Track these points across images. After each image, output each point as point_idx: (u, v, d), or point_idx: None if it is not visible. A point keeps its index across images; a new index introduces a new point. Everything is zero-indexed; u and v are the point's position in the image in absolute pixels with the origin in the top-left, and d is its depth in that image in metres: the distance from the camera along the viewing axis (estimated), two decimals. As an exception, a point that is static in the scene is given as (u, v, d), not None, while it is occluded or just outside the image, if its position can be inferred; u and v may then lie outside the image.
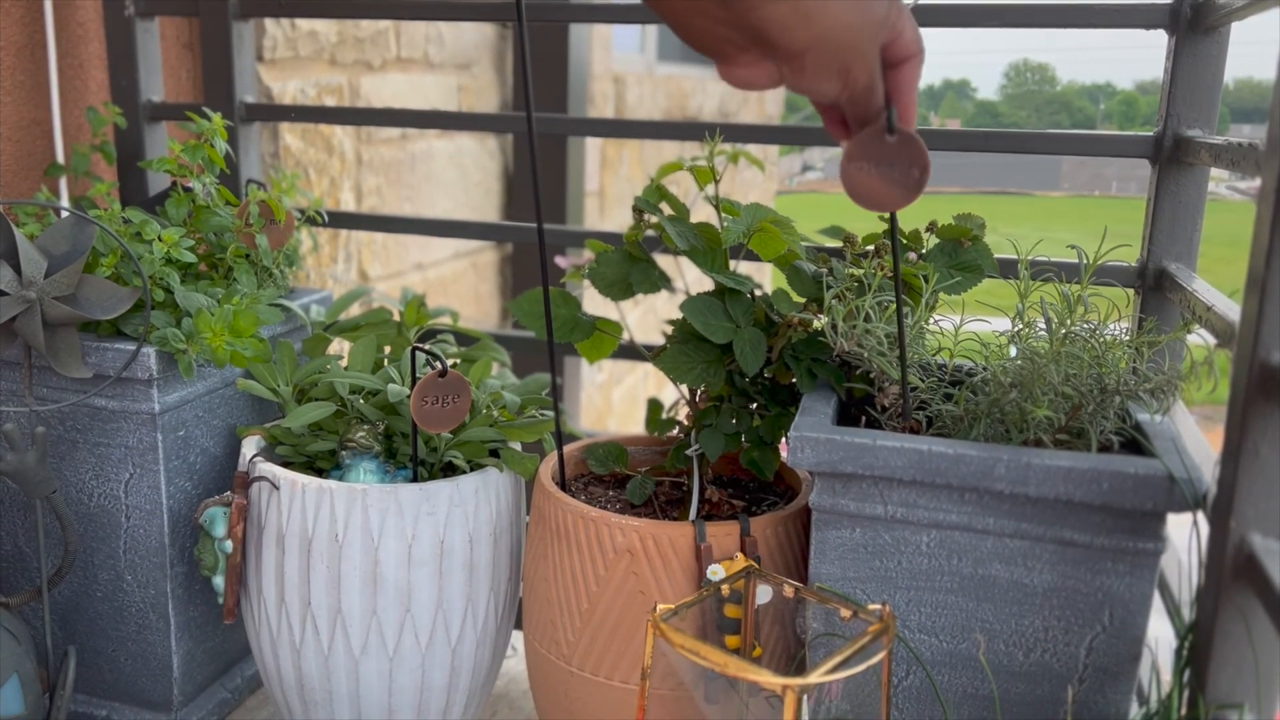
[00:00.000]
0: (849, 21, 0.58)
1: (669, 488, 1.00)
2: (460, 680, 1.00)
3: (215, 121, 1.09)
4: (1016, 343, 0.81)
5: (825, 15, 0.57)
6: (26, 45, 1.26)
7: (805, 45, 0.57)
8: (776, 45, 0.57)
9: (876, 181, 0.65)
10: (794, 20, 0.56)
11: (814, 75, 0.59)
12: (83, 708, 1.08)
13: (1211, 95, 0.98)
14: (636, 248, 0.96)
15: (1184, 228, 1.00)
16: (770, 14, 0.56)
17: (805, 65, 0.58)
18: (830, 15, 0.57)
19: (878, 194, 0.66)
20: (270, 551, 0.96)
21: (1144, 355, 0.79)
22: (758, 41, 0.57)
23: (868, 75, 0.60)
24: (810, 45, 0.57)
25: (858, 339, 0.84)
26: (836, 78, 0.60)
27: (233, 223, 1.08)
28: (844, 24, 0.57)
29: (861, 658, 0.66)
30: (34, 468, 0.90)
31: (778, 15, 0.56)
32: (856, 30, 0.58)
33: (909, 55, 0.63)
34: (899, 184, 0.65)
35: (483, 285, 2.53)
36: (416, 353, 0.95)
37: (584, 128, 1.25)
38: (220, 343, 0.97)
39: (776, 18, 0.56)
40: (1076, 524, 0.72)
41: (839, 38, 0.58)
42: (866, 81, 0.61)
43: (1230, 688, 0.60)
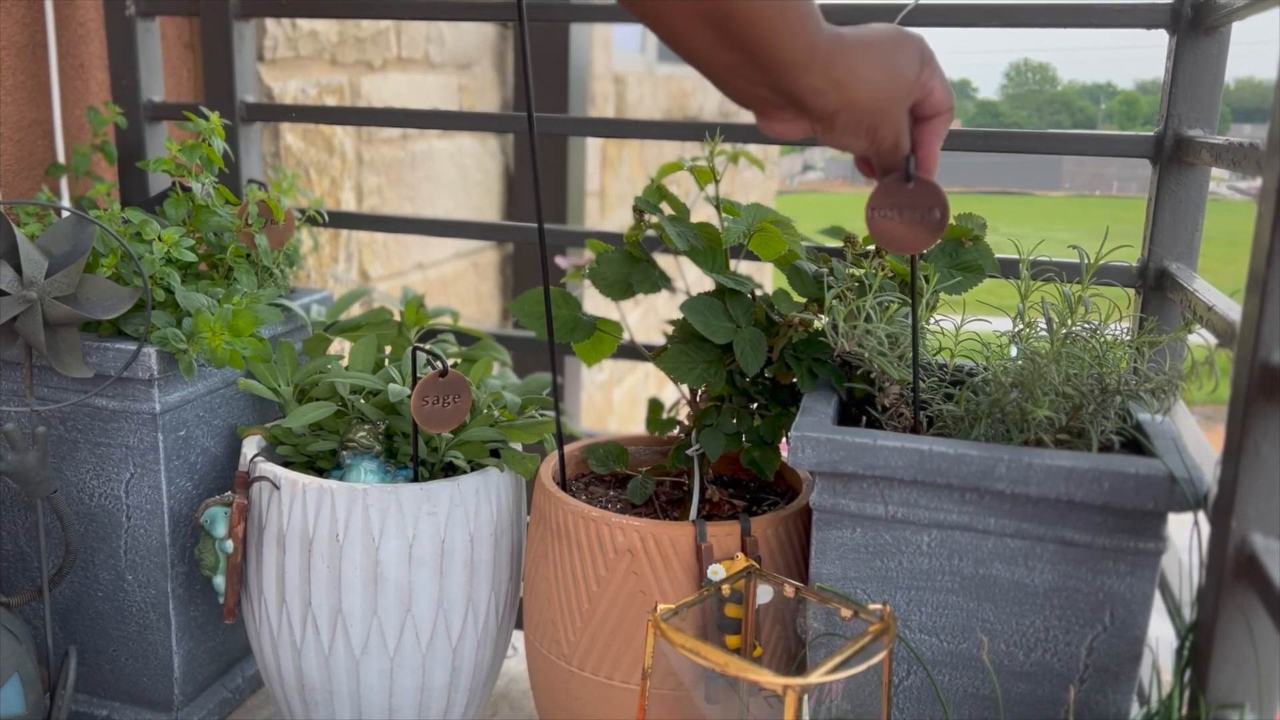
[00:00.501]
0: (878, 88, 0.62)
1: (670, 488, 1.00)
2: (461, 680, 1.00)
3: (213, 121, 1.09)
4: (1017, 343, 0.81)
5: (856, 83, 0.61)
6: (27, 45, 1.26)
7: (836, 109, 0.61)
8: (810, 109, 0.61)
9: (899, 226, 0.69)
10: (827, 87, 0.60)
11: (843, 133, 0.63)
12: (83, 707, 1.08)
13: (1212, 95, 0.98)
14: (637, 248, 0.96)
15: (1185, 228, 1.00)
16: (805, 83, 0.59)
17: (835, 125, 0.62)
18: (861, 83, 0.61)
19: (901, 237, 0.70)
20: (271, 551, 0.96)
21: (1145, 355, 0.79)
22: (793, 104, 0.61)
23: (894, 134, 0.64)
24: (841, 109, 0.61)
25: (858, 339, 0.84)
26: (865, 136, 0.63)
27: (232, 222, 1.08)
28: (874, 90, 0.61)
29: (862, 658, 0.66)
30: (35, 468, 0.90)
31: (812, 83, 0.59)
32: (885, 95, 0.62)
33: (938, 112, 0.67)
34: (921, 226, 0.69)
35: (483, 285, 2.53)
36: (417, 353, 0.96)
37: (585, 128, 1.25)
38: (220, 342, 0.97)
39: (811, 85, 0.59)
40: (1077, 524, 0.72)
41: (868, 103, 0.62)
42: (893, 139, 0.64)
43: (1231, 687, 0.60)
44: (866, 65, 0.61)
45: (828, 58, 0.59)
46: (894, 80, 0.62)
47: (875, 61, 0.61)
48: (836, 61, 0.59)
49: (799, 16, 0.57)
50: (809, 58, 0.58)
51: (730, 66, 0.59)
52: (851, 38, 0.61)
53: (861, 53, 0.61)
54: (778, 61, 0.58)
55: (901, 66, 0.63)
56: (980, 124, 6.41)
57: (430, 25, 2.17)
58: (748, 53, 0.57)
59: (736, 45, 0.57)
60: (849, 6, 1.08)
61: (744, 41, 0.57)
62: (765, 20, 0.56)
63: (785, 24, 0.56)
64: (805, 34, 0.58)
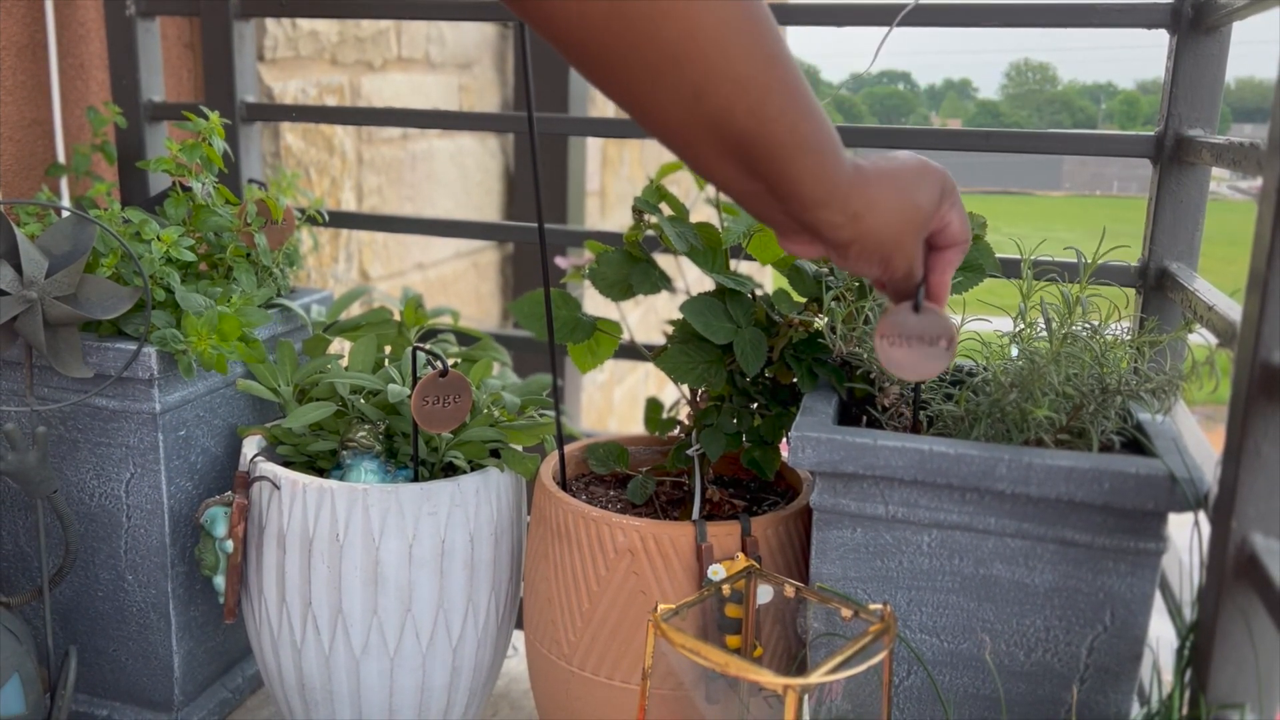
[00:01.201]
0: (893, 221, 0.62)
1: (670, 488, 1.00)
2: (461, 680, 1.00)
3: (213, 120, 1.09)
4: (1018, 343, 0.81)
5: (871, 217, 0.61)
6: (28, 45, 1.26)
7: (850, 240, 0.62)
8: (825, 239, 0.62)
9: (906, 354, 0.70)
10: (843, 221, 0.61)
11: (856, 262, 0.64)
12: (84, 707, 1.08)
13: (1213, 95, 0.98)
14: (637, 248, 0.96)
15: (1185, 227, 1.00)
16: (822, 216, 0.60)
17: (849, 254, 0.63)
18: (876, 217, 0.62)
19: (909, 365, 0.70)
20: (271, 551, 0.96)
21: (1145, 355, 0.79)
22: (809, 231, 0.62)
23: (907, 264, 0.65)
24: (855, 240, 0.62)
25: (858, 340, 0.84)
26: (878, 265, 0.64)
27: (232, 222, 1.08)
28: (888, 224, 0.62)
29: (862, 658, 0.66)
30: (35, 467, 0.90)
31: (829, 218, 0.60)
32: (900, 229, 0.63)
33: (953, 244, 0.67)
34: (928, 355, 0.70)
35: (484, 285, 2.53)
36: (417, 353, 0.95)
37: (585, 127, 1.25)
38: (206, 346, 0.97)
39: (827, 219, 0.60)
40: (1078, 524, 0.72)
41: (882, 235, 0.62)
42: (906, 269, 0.65)
43: (1231, 687, 0.60)
44: (883, 199, 0.62)
45: (847, 192, 0.60)
46: (910, 214, 0.63)
47: (892, 195, 0.62)
48: (855, 196, 0.60)
49: (820, 154, 0.58)
50: (828, 194, 0.59)
51: (753, 194, 0.60)
52: (871, 170, 0.62)
53: (880, 186, 0.62)
54: (797, 195, 0.59)
55: (920, 200, 0.63)
56: (980, 124, 6.40)
57: (430, 25, 2.17)
58: (768, 184, 0.58)
59: (758, 176, 0.58)
60: (849, 7, 1.08)
61: (765, 174, 0.57)
62: (786, 157, 0.56)
63: (805, 161, 0.57)
64: (825, 171, 0.58)
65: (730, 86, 0.53)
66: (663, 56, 0.52)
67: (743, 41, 0.53)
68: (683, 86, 0.53)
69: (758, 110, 0.54)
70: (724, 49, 0.52)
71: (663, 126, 0.56)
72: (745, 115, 0.54)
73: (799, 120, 0.56)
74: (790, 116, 0.55)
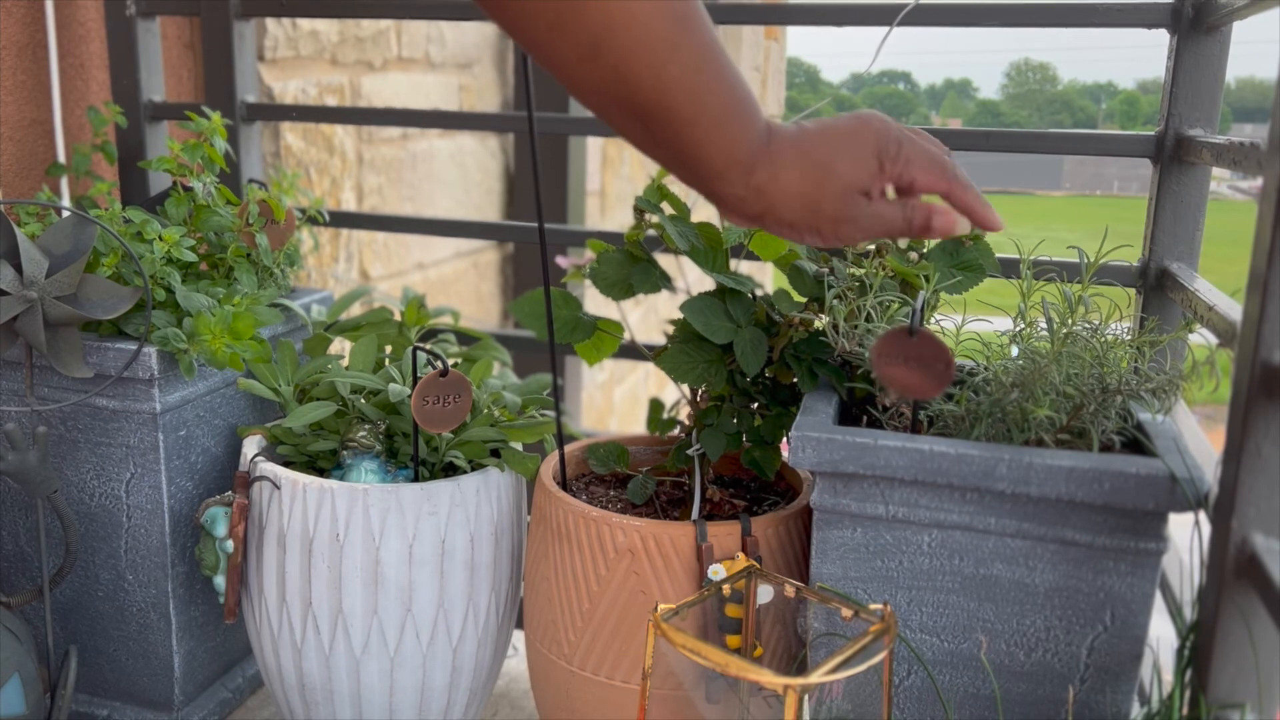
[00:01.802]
0: (801, 192, 0.59)
1: (670, 487, 1.00)
2: (461, 680, 1.00)
3: (215, 121, 1.09)
4: (1018, 342, 0.81)
5: (775, 189, 0.59)
6: (28, 45, 1.26)
7: (758, 214, 0.60)
8: (733, 211, 0.61)
9: (905, 374, 0.71)
10: (746, 194, 0.59)
11: (778, 231, 0.62)
12: (84, 707, 1.08)
13: (1213, 94, 0.98)
14: (638, 247, 0.96)
15: (1186, 227, 1.00)
16: (723, 190, 0.59)
17: (766, 226, 0.62)
18: (780, 189, 0.59)
19: (908, 384, 0.71)
20: (271, 551, 0.96)
21: (1146, 355, 0.79)
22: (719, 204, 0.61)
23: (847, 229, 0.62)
24: (763, 213, 0.60)
25: (859, 339, 0.84)
26: (809, 235, 0.62)
27: (233, 222, 1.08)
28: (797, 194, 0.59)
29: (863, 657, 0.66)
30: (35, 467, 0.90)
31: (729, 190, 0.59)
32: (812, 199, 0.60)
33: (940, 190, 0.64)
34: (926, 376, 0.70)
35: (484, 285, 2.52)
36: (417, 352, 0.95)
37: (585, 127, 1.25)
38: (220, 345, 0.97)
39: (728, 192, 0.59)
40: (1078, 524, 0.72)
41: (793, 208, 0.60)
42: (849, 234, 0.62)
43: (1232, 687, 0.60)
44: (790, 172, 0.59)
45: (749, 165, 0.58)
46: (824, 180, 0.60)
47: (802, 166, 0.59)
48: (759, 168, 0.58)
49: (721, 126, 0.55)
50: (727, 166, 0.57)
51: (664, 161, 0.58)
52: (788, 138, 0.59)
53: (789, 156, 0.59)
54: (695, 165, 0.57)
55: (839, 167, 0.60)
56: (981, 123, 6.40)
57: (431, 25, 2.17)
58: (671, 152, 0.57)
59: (660, 144, 0.56)
60: (849, 7, 1.08)
61: (665, 141, 0.56)
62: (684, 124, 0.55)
63: (703, 128, 0.55)
64: (726, 141, 0.56)
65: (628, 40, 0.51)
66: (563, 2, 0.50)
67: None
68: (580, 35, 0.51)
69: (657, 69, 0.52)
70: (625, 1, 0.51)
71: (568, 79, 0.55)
72: (644, 73, 0.52)
73: (701, 87, 0.54)
74: (691, 81, 0.53)
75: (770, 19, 1.17)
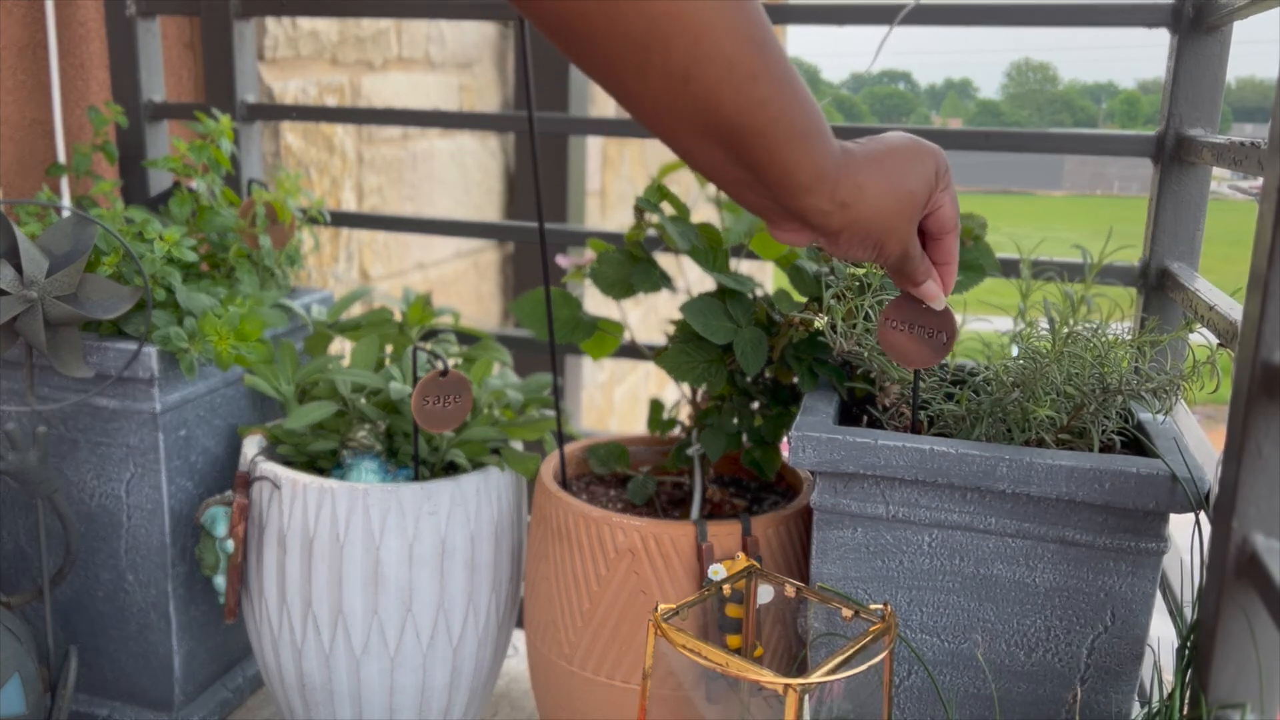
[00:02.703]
0: (883, 208, 0.62)
1: (670, 487, 1.00)
2: (461, 680, 1.00)
3: (223, 123, 1.10)
4: (1019, 342, 0.81)
5: (861, 204, 0.60)
6: (28, 45, 1.26)
7: (840, 228, 0.61)
8: (814, 225, 0.61)
9: (907, 340, 0.72)
10: (831, 209, 0.60)
11: (847, 248, 0.63)
12: (84, 707, 1.08)
13: (1214, 94, 0.98)
14: (638, 247, 0.96)
15: (1186, 227, 1.00)
16: (810, 204, 0.59)
17: (840, 242, 0.62)
18: (866, 204, 0.61)
19: (909, 352, 0.72)
20: (271, 551, 0.96)
21: (1146, 355, 0.79)
22: (797, 219, 0.61)
23: (900, 249, 0.64)
24: (845, 228, 0.61)
25: (858, 339, 0.84)
26: (870, 251, 0.64)
27: (236, 222, 1.08)
28: (878, 210, 0.61)
29: (863, 657, 0.66)
30: (35, 467, 0.90)
31: (817, 204, 0.59)
32: (891, 215, 0.62)
33: (945, 231, 0.67)
34: (928, 345, 0.71)
35: (484, 285, 2.52)
36: (418, 352, 0.95)
37: (586, 127, 1.25)
38: (226, 346, 0.97)
39: (815, 206, 0.59)
40: (1079, 524, 0.72)
41: (873, 222, 0.62)
42: (898, 254, 0.65)
43: (1232, 687, 0.60)
44: (873, 186, 0.61)
45: (835, 179, 0.59)
46: (902, 200, 0.62)
47: (883, 181, 0.61)
48: (844, 183, 0.59)
49: (806, 140, 0.56)
50: (815, 181, 0.58)
51: (739, 181, 0.59)
52: (862, 155, 0.61)
53: (869, 172, 0.61)
54: (783, 182, 0.58)
55: (913, 185, 0.63)
56: (981, 123, 6.38)
57: (431, 25, 2.17)
58: (755, 171, 0.57)
59: (744, 163, 0.57)
60: (850, 7, 1.08)
61: (752, 161, 0.56)
62: (771, 141, 0.55)
63: (791, 145, 0.56)
64: (812, 158, 0.57)
65: (718, 69, 0.52)
66: (652, 36, 0.51)
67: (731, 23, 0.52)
68: (671, 68, 0.52)
69: (745, 93, 0.53)
70: (713, 30, 0.52)
71: (649, 111, 0.55)
72: (732, 98, 0.53)
73: (786, 105, 0.55)
74: (777, 102, 0.54)
75: (770, 19, 1.17)
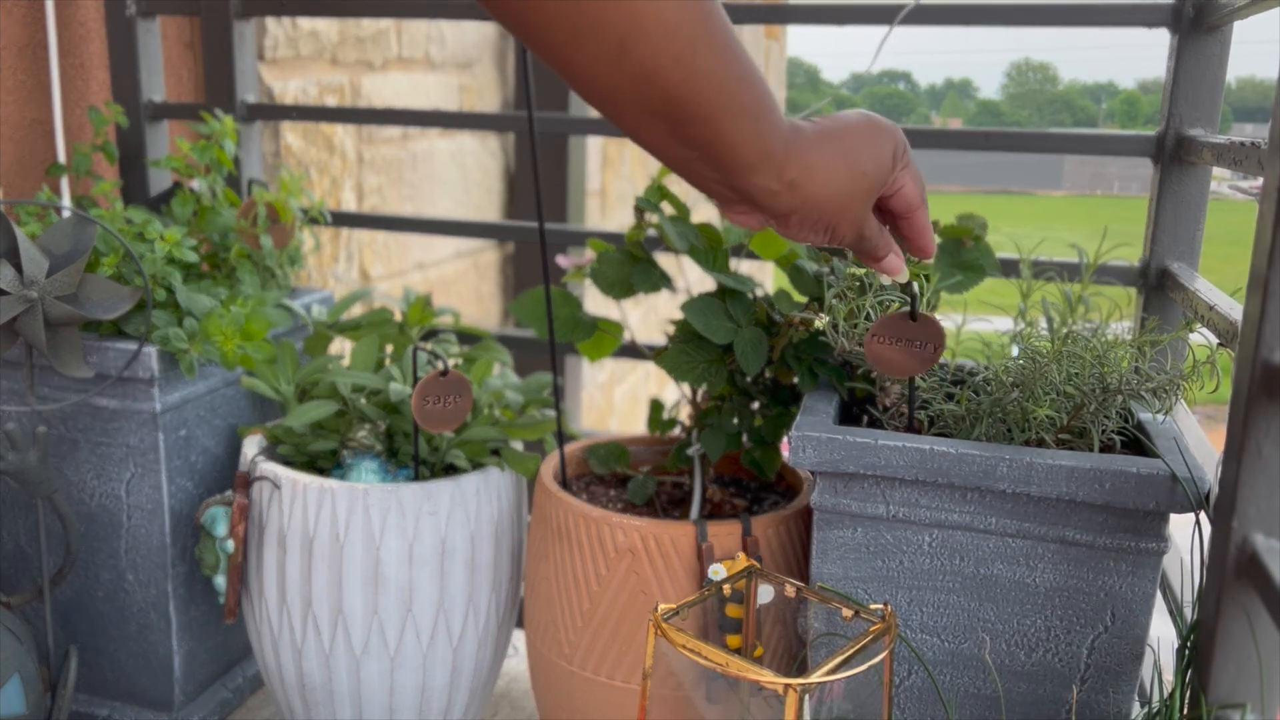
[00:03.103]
0: (835, 189, 0.59)
1: (670, 487, 1.00)
2: (462, 680, 1.00)
3: (226, 123, 1.10)
4: (1018, 342, 0.81)
5: (811, 184, 0.58)
6: (28, 45, 1.26)
7: (789, 209, 0.59)
8: (762, 206, 0.59)
9: (893, 352, 0.74)
10: (779, 188, 0.58)
11: (798, 231, 0.61)
12: (84, 707, 1.08)
13: (1214, 94, 0.98)
14: (638, 247, 0.96)
15: (1186, 227, 1.00)
16: (756, 183, 0.57)
17: (790, 224, 0.61)
18: (816, 184, 0.59)
19: (893, 362, 0.74)
20: (272, 551, 0.96)
21: (1146, 355, 0.79)
22: (746, 200, 0.59)
23: (853, 231, 0.62)
24: (795, 209, 0.59)
25: (859, 339, 0.84)
26: (822, 233, 0.62)
27: (236, 223, 1.08)
28: (830, 192, 0.59)
29: (863, 657, 0.66)
30: (35, 467, 0.90)
31: (764, 184, 0.57)
32: (843, 196, 0.60)
33: (910, 209, 0.65)
34: (915, 357, 0.73)
35: (484, 285, 2.52)
36: (418, 352, 0.95)
37: (586, 127, 1.25)
38: (231, 346, 0.97)
39: (762, 186, 0.57)
40: (1079, 524, 0.72)
41: (824, 203, 0.59)
42: (853, 236, 0.63)
43: (1233, 687, 0.60)
44: (824, 165, 0.59)
45: (782, 158, 0.57)
46: (855, 179, 0.60)
47: (834, 161, 0.59)
48: (792, 161, 0.57)
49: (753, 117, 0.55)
50: (761, 159, 0.56)
51: (685, 160, 0.57)
52: (813, 134, 0.59)
53: (821, 150, 0.59)
54: (728, 160, 0.56)
55: (866, 166, 0.60)
56: (981, 123, 6.38)
57: (431, 25, 2.17)
58: (699, 148, 0.55)
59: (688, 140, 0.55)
60: (849, 7, 1.08)
61: (694, 139, 0.55)
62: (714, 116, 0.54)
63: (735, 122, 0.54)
64: (758, 135, 0.55)
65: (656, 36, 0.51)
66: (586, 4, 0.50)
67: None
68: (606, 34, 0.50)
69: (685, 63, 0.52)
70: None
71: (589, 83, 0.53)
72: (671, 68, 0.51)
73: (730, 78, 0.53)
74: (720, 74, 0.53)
75: (770, 19, 1.17)
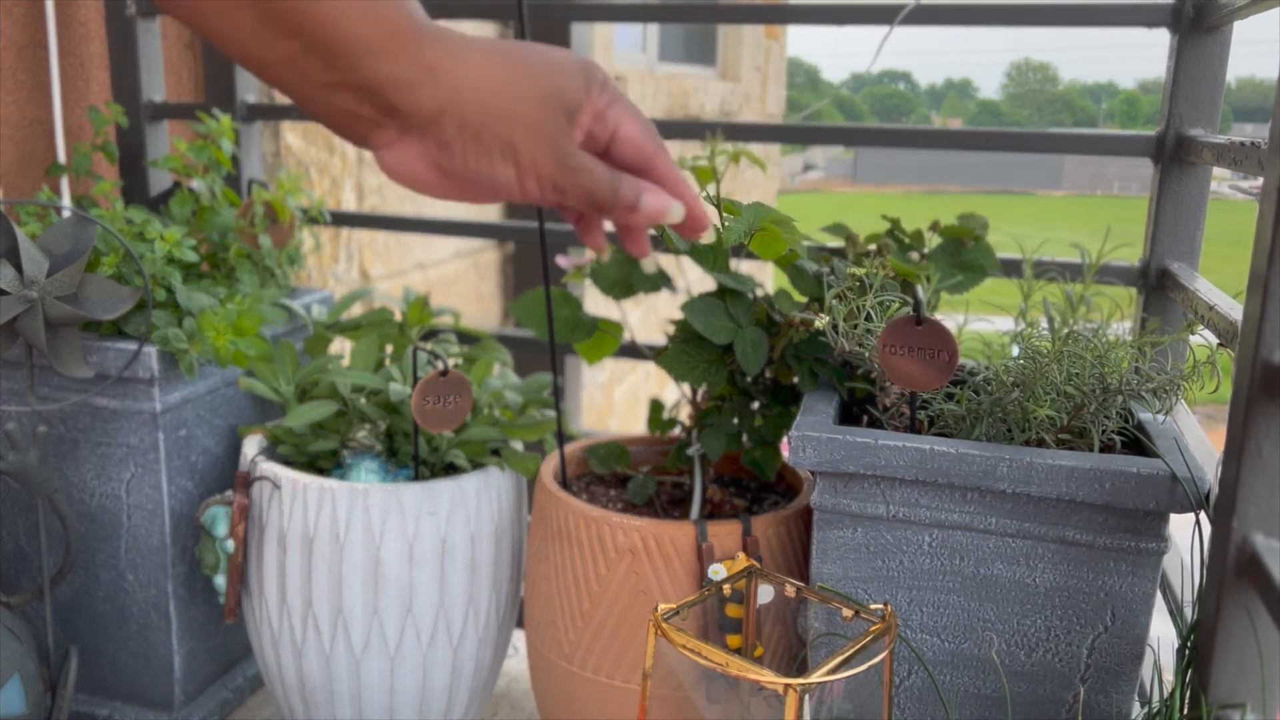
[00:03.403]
0: (495, 79, 0.47)
1: (671, 488, 1.00)
2: (462, 680, 1.00)
3: (224, 123, 1.10)
4: (1019, 342, 0.81)
5: (460, 71, 0.46)
6: (28, 45, 1.26)
7: (437, 108, 0.46)
8: (403, 110, 0.46)
9: (910, 364, 0.72)
10: (417, 76, 0.45)
11: (470, 152, 0.47)
12: (84, 707, 1.08)
13: (1214, 94, 0.98)
14: (638, 247, 0.96)
15: (1186, 227, 1.00)
16: (385, 70, 0.45)
17: (448, 135, 0.47)
18: (468, 72, 0.46)
19: (912, 374, 0.73)
20: (272, 551, 0.96)
21: (1146, 355, 0.79)
22: (384, 110, 0.46)
23: (549, 152, 0.48)
24: (445, 109, 0.46)
25: (859, 339, 0.84)
26: (503, 158, 0.48)
27: (236, 222, 1.08)
28: (488, 82, 0.47)
29: (863, 657, 0.66)
30: (35, 467, 0.90)
31: (394, 71, 0.45)
32: (510, 93, 0.47)
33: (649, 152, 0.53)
34: (931, 366, 0.72)
35: (484, 285, 2.52)
36: (418, 352, 0.95)
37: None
38: (224, 341, 0.97)
39: (392, 74, 0.45)
40: (1079, 524, 0.72)
41: (485, 100, 0.47)
42: (552, 162, 0.49)
43: (1233, 687, 0.60)
44: (477, 54, 0.47)
45: (416, 39, 0.45)
46: (522, 78, 0.47)
47: (492, 55, 0.47)
48: (430, 42, 0.45)
49: None
50: (386, 37, 0.44)
51: (291, 61, 0.44)
52: (476, 38, 0.48)
53: (473, 43, 0.47)
54: (341, 42, 0.43)
55: (537, 68, 0.48)
56: (981, 123, 6.37)
57: (431, 25, 2.17)
58: (302, 36, 0.43)
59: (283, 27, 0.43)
60: (850, 7, 1.08)
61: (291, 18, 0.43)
62: None
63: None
64: (375, 7, 0.44)
65: None
66: None
67: None
68: None
69: None
70: None
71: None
72: None
73: None
74: None
75: (770, 18, 1.17)
